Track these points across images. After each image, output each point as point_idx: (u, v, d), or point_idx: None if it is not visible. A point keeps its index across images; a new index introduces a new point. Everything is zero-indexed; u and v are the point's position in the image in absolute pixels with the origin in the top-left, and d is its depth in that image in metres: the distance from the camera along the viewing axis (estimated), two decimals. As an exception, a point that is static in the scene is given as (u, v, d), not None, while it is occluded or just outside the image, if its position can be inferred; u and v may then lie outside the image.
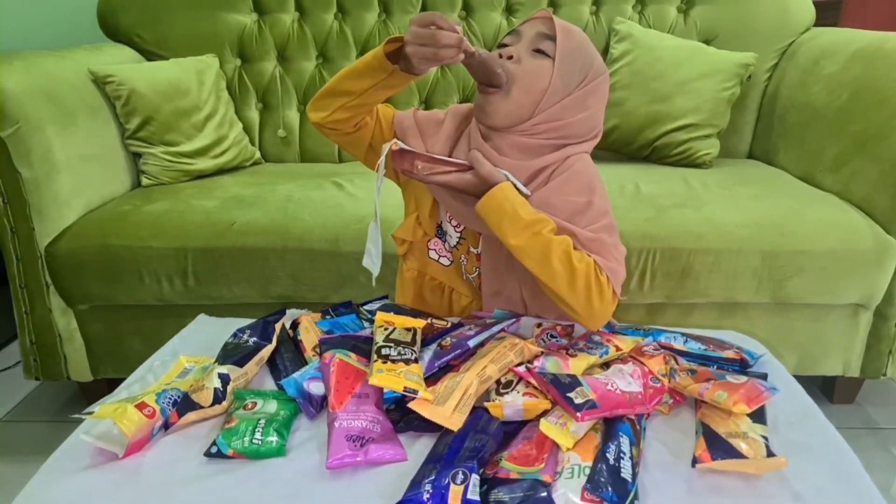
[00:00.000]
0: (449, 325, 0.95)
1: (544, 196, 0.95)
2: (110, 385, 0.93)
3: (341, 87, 0.97)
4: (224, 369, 0.84)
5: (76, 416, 0.78)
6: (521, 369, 0.81)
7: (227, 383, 0.82)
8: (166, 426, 0.78)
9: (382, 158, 0.95)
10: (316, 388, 0.83)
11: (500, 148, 0.97)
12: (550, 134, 0.96)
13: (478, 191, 0.92)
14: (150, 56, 1.98)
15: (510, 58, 0.93)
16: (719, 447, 0.72)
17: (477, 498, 0.64)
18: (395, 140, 0.96)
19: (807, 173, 1.74)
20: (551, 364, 0.83)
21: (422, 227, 1.08)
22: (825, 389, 1.75)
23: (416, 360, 0.82)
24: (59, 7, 2.11)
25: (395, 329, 0.88)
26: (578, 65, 0.96)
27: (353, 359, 0.84)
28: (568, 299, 0.89)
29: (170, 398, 0.80)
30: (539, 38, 0.94)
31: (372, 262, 1.02)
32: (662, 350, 0.90)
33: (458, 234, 1.06)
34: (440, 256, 1.10)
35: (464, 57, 0.86)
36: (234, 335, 0.94)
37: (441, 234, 1.09)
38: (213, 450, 0.74)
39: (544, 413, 0.77)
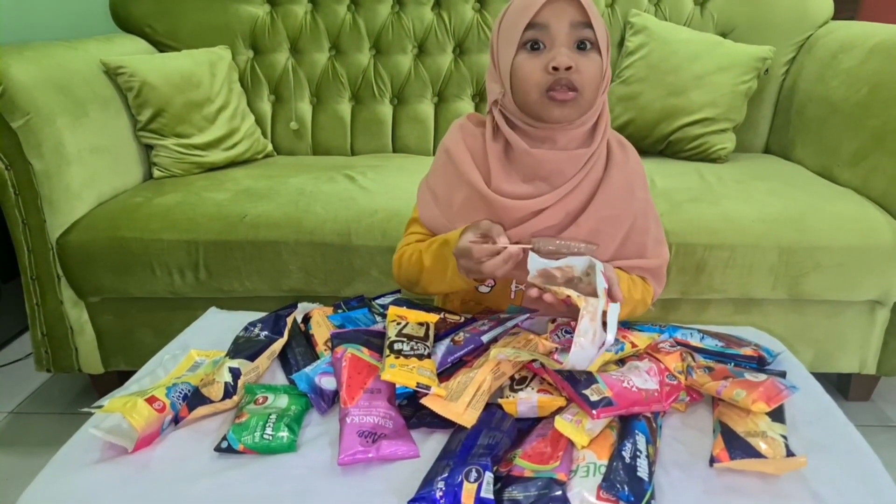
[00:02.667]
0: (462, 319, 0.94)
1: (621, 194, 0.95)
2: (121, 377, 0.92)
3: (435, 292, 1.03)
4: (235, 363, 0.83)
5: (86, 409, 0.77)
6: (536, 365, 0.80)
7: (238, 377, 0.82)
8: (176, 420, 0.78)
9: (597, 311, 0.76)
10: (327, 382, 0.82)
11: (555, 144, 0.93)
12: (598, 107, 0.93)
13: None
14: (162, 47, 1.98)
15: (568, 68, 0.84)
16: (738, 446, 0.71)
17: (491, 496, 0.63)
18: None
19: (824, 168, 1.71)
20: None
21: None
22: (840, 386, 1.73)
23: (428, 356, 0.81)
24: (71, -2, 2.11)
25: (407, 324, 0.87)
26: (605, 31, 0.90)
27: (365, 354, 0.84)
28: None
29: (180, 392, 0.79)
30: (576, 28, 0.86)
31: None
32: (679, 347, 0.88)
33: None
34: (479, 284, 1.04)
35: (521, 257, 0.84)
36: (246, 329, 0.93)
37: None
38: (224, 445, 0.73)
39: (559, 410, 0.75)
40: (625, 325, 0.96)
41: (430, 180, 1.02)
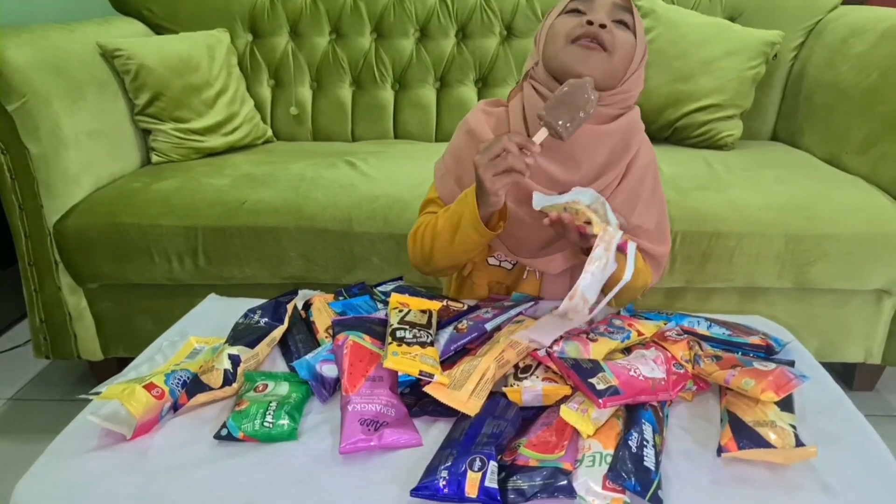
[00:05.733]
0: (465, 307, 0.92)
1: (641, 193, 1.00)
2: (121, 364, 0.91)
3: (461, 261, 1.01)
4: (235, 350, 0.82)
5: (83, 396, 0.76)
6: (541, 353, 0.78)
7: (238, 364, 0.81)
8: (175, 407, 0.76)
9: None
10: (329, 370, 0.81)
11: None
12: (619, 105, 0.96)
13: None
14: (159, 30, 1.95)
15: (602, 26, 0.90)
16: (746, 436, 0.70)
17: (495, 486, 0.62)
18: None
19: (832, 155, 1.69)
20: (571, 348, 0.80)
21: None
22: (845, 376, 1.72)
23: (431, 343, 0.80)
24: (68, -20, 2.08)
25: (410, 311, 0.86)
26: (645, 38, 0.96)
27: (366, 341, 0.82)
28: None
29: (179, 379, 0.78)
30: (617, 9, 0.93)
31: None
32: (685, 335, 0.87)
33: None
34: (501, 262, 1.07)
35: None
36: (246, 315, 0.92)
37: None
38: (224, 432, 0.72)
39: (564, 399, 0.74)
40: (630, 312, 0.94)
41: (449, 160, 1.04)
